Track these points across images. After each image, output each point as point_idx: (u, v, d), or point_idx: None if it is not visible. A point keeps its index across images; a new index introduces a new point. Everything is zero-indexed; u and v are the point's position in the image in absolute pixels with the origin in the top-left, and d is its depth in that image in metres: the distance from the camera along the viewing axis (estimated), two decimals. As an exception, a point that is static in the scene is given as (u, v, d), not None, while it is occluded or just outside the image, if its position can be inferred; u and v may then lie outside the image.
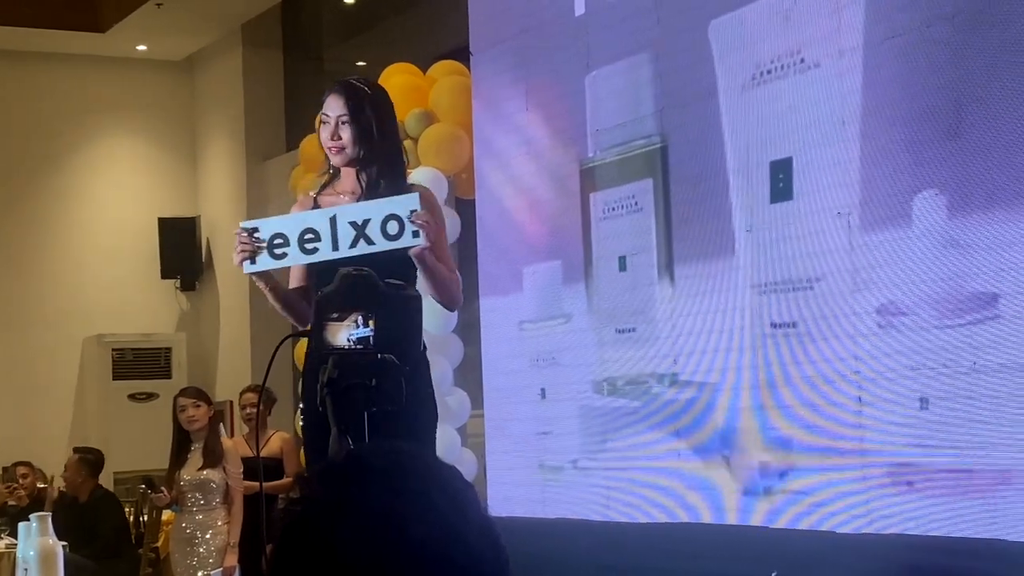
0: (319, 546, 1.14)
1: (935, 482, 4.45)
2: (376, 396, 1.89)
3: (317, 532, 1.15)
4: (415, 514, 1.14)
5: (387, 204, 3.78)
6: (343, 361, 1.84)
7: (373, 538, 1.13)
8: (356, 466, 1.19)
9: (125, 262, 11.35)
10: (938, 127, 4.46)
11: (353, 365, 1.84)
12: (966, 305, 4.35)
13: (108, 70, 11.48)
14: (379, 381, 1.88)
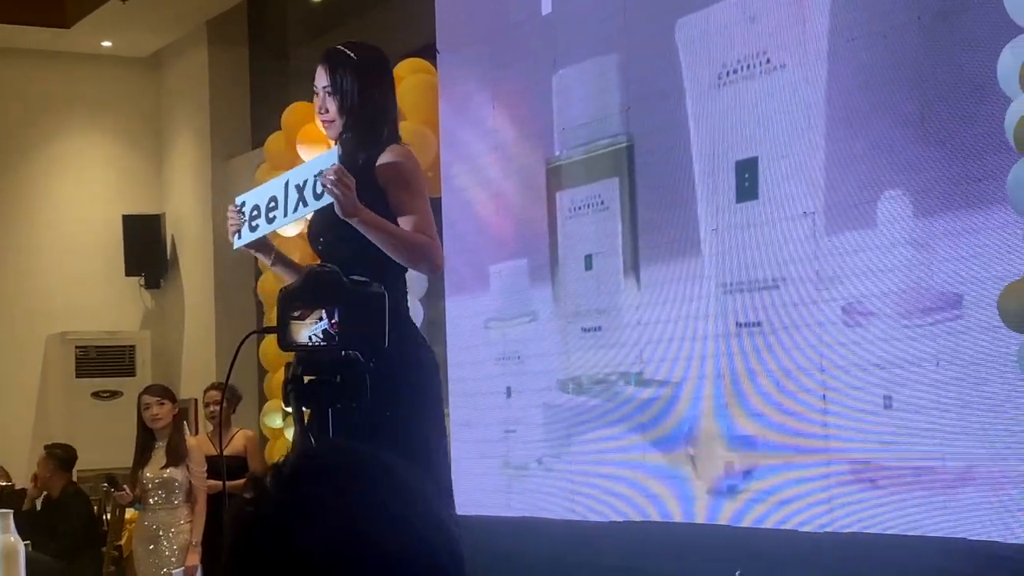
0: (273, 547, 1.14)
1: (898, 480, 4.48)
2: (340, 392, 1.88)
3: (271, 533, 1.14)
4: (369, 512, 1.14)
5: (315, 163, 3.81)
6: (307, 358, 1.83)
7: (327, 538, 1.13)
8: (309, 466, 1.19)
9: (89, 259, 11.29)
10: (903, 128, 4.48)
11: (317, 362, 1.84)
12: (930, 304, 4.38)
13: (73, 66, 11.41)
14: (344, 377, 1.88)
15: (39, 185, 11.41)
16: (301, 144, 7.92)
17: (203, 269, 10.81)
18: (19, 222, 11.30)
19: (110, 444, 8.47)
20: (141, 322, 11.49)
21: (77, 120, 11.52)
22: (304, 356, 1.84)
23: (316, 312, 1.82)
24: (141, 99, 11.67)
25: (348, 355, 1.86)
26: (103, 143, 11.65)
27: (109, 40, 11.25)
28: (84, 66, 11.45)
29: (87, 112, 11.52)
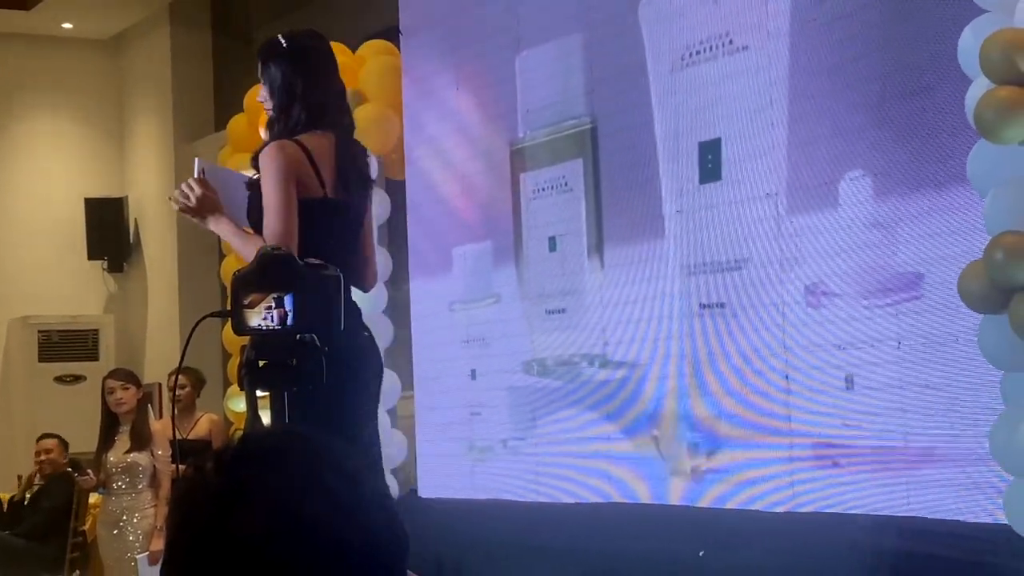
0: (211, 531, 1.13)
1: (860, 460, 4.50)
2: (296, 376, 1.87)
3: (211, 518, 1.14)
4: (308, 495, 1.14)
5: None
6: (261, 342, 1.82)
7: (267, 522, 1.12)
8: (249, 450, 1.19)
9: (51, 243, 11.20)
10: (864, 110, 4.49)
11: (271, 345, 1.82)
12: (891, 285, 4.40)
13: (33, 48, 11.30)
14: (299, 361, 1.86)
15: (0, 168, 11.32)
16: (264, 126, 7.88)
17: (166, 252, 10.75)
18: (-20, 206, 11.20)
19: (73, 429, 8.41)
20: (104, 306, 11.41)
21: (38, 102, 11.42)
22: (259, 340, 1.82)
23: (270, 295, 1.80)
24: (103, 81, 11.57)
25: (303, 339, 1.84)
26: (65, 126, 11.56)
27: (70, 22, 11.15)
28: (45, 48, 11.35)
29: (48, 94, 11.42)
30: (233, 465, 1.17)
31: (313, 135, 4.05)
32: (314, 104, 4.09)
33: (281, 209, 3.83)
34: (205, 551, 1.13)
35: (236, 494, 1.14)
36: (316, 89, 4.11)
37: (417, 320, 6.74)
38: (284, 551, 1.12)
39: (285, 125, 4.07)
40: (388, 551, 1.17)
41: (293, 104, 4.07)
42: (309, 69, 4.12)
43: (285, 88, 4.07)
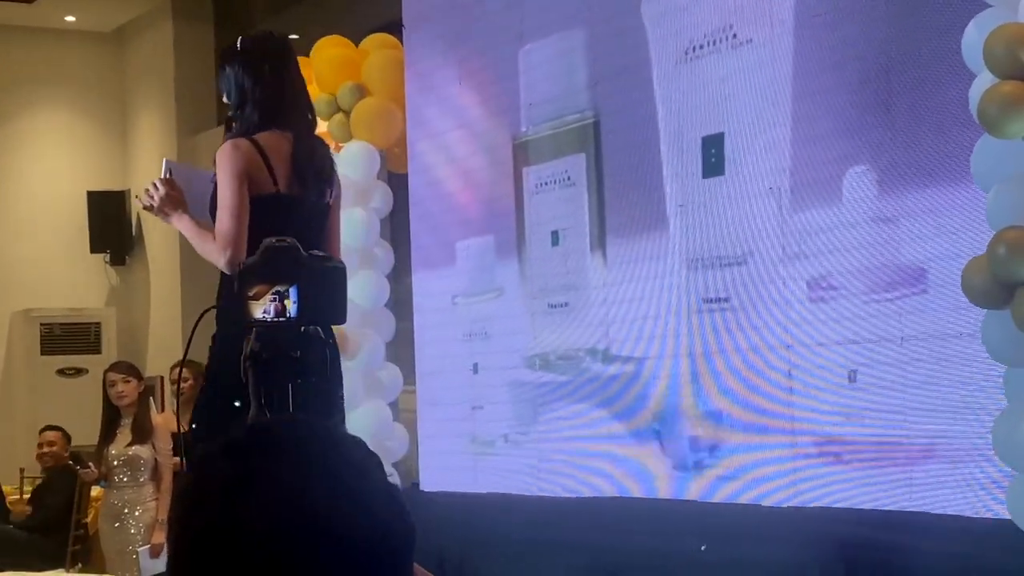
0: (222, 521, 1.13)
1: (862, 455, 4.50)
2: (301, 368, 1.87)
3: (221, 507, 1.14)
4: (319, 485, 1.14)
5: None
6: (266, 333, 1.81)
7: (278, 511, 1.12)
8: (259, 439, 1.19)
9: (53, 236, 11.20)
10: (868, 104, 4.49)
11: (276, 337, 1.82)
12: (894, 279, 4.40)
13: (36, 41, 11.29)
14: (303, 353, 1.86)
15: (2, 161, 11.32)
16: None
17: (169, 246, 10.74)
18: (-18, 198, 11.21)
19: (75, 422, 8.41)
20: (106, 299, 11.42)
21: (41, 96, 11.41)
22: (262, 332, 1.82)
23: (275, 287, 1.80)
24: (105, 74, 11.57)
25: (307, 331, 1.84)
26: (67, 119, 11.55)
27: (73, 15, 11.15)
28: (48, 41, 11.34)
29: (51, 87, 11.42)
30: (240, 454, 1.17)
31: (270, 133, 4.16)
32: (267, 104, 4.19)
33: (232, 206, 4.01)
34: (213, 541, 1.13)
35: (244, 483, 1.14)
36: (268, 89, 4.21)
37: (419, 314, 6.74)
38: (293, 540, 1.12)
39: (240, 125, 4.20)
40: (395, 541, 1.17)
41: (246, 104, 4.20)
42: (262, 70, 4.22)
43: (238, 89, 4.21)
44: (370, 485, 1.18)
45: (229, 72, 4.23)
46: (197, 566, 1.14)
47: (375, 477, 1.19)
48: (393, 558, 1.17)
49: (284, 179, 4.12)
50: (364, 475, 1.18)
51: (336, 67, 7.40)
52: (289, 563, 1.12)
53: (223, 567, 1.13)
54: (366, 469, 1.19)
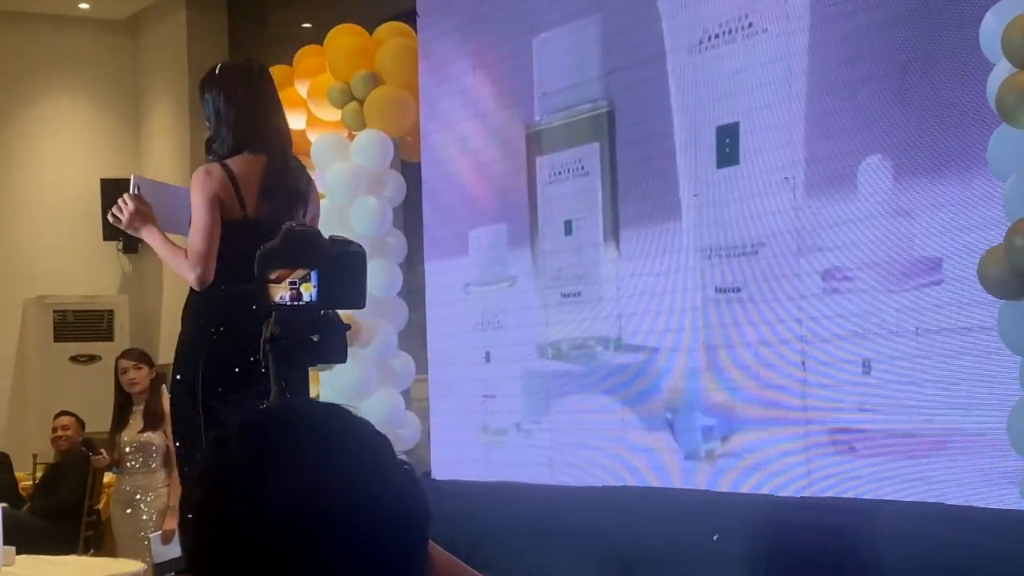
0: (245, 500, 1.13)
1: (876, 446, 4.49)
2: (320, 352, 1.87)
3: (241, 486, 1.14)
4: (335, 458, 1.15)
5: None
6: (285, 317, 1.82)
7: (298, 487, 1.13)
8: (272, 419, 1.20)
9: (67, 223, 11.21)
10: (884, 93, 4.47)
11: (296, 321, 1.82)
12: (910, 270, 4.39)
13: (50, 29, 11.30)
14: (323, 337, 1.86)
15: (16, 149, 11.33)
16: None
17: (181, 234, 10.74)
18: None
19: (88, 408, 8.43)
20: (119, 287, 11.44)
21: (54, 83, 11.42)
22: (282, 316, 1.82)
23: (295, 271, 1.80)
24: (119, 62, 11.57)
25: (326, 314, 1.84)
26: (80, 107, 11.56)
27: (87, 2, 11.15)
28: (61, 29, 11.35)
29: (64, 75, 11.43)
30: (258, 434, 1.18)
31: (243, 157, 4.40)
32: (242, 128, 4.43)
33: (203, 228, 4.31)
34: (237, 520, 1.14)
35: (265, 461, 1.15)
36: (243, 112, 4.45)
37: (432, 303, 6.75)
38: (317, 513, 1.13)
39: (219, 148, 4.44)
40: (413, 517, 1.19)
41: (222, 127, 4.45)
42: (238, 95, 4.45)
43: (216, 113, 4.45)
44: (385, 463, 1.19)
45: (208, 97, 4.48)
46: (220, 550, 1.14)
47: (389, 455, 1.21)
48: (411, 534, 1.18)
49: (252, 203, 4.36)
50: (379, 454, 1.20)
51: (350, 56, 7.40)
52: (311, 542, 1.12)
53: (246, 549, 1.13)
54: (380, 448, 1.21)
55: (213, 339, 4.32)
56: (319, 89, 7.52)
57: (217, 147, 4.45)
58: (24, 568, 3.95)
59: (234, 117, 4.44)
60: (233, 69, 4.58)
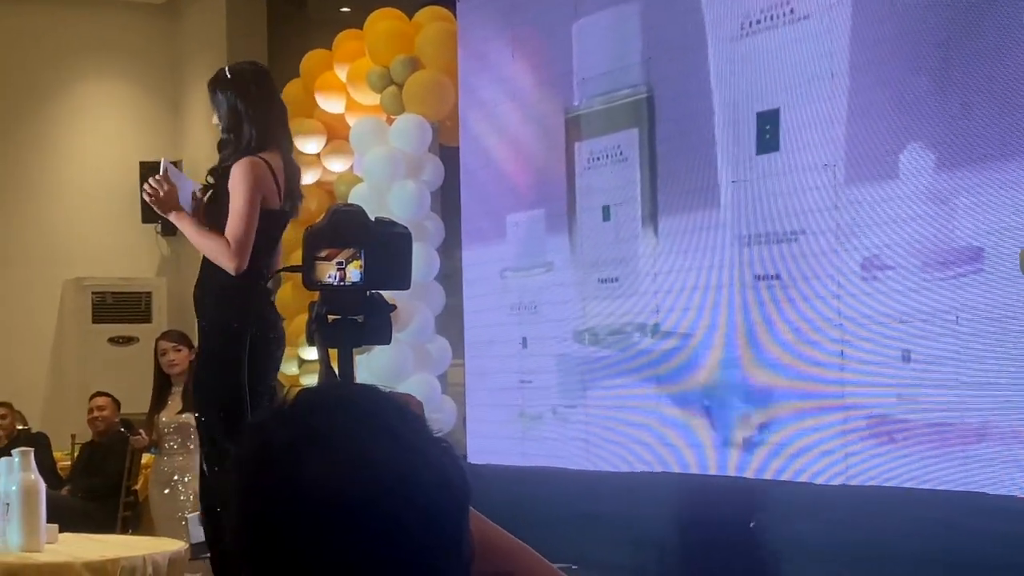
0: (288, 482, 1.14)
1: (915, 434, 4.47)
2: (364, 333, 1.88)
3: (283, 469, 1.14)
4: (375, 437, 1.16)
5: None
6: (331, 297, 1.83)
7: (339, 467, 1.13)
8: (310, 401, 1.20)
9: (105, 205, 11.28)
10: (926, 81, 4.44)
11: (341, 301, 1.83)
12: (950, 259, 4.36)
13: (90, 11, 11.36)
14: (367, 318, 1.87)
15: (56, 131, 11.40)
16: (319, 92, 7.90)
17: (219, 217, 10.78)
18: (36, 168, 11.30)
19: (125, 390, 8.48)
20: (157, 269, 11.49)
21: (94, 66, 11.48)
22: (328, 295, 1.83)
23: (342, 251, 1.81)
24: (159, 45, 11.62)
25: (372, 295, 1.85)
26: (120, 89, 11.62)
27: (126, -15, 11.20)
28: (102, 12, 11.41)
29: (105, 58, 11.48)
30: (298, 416, 1.18)
31: (269, 154, 4.62)
32: (262, 126, 4.65)
33: (247, 217, 4.51)
34: (280, 502, 1.14)
35: (305, 442, 1.15)
36: (260, 112, 4.67)
37: (469, 287, 6.75)
38: (360, 493, 1.13)
39: (238, 145, 4.63)
40: (455, 489, 1.19)
41: (242, 125, 4.65)
42: (253, 95, 4.67)
43: (232, 111, 4.65)
44: (426, 437, 1.20)
45: (221, 97, 4.68)
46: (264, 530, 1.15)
47: (429, 430, 1.21)
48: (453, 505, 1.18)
49: (281, 197, 4.64)
50: (419, 429, 1.20)
51: (389, 40, 7.41)
52: (358, 518, 1.13)
53: (292, 529, 1.13)
54: (420, 423, 1.21)
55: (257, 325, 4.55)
56: (358, 73, 7.54)
57: (236, 145, 4.65)
58: (67, 545, 3.99)
59: (254, 116, 4.65)
60: (247, 71, 4.81)
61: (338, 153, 8.02)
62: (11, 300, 11.00)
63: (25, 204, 11.22)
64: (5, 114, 11.19)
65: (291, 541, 1.13)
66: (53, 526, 4.00)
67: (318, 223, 1.83)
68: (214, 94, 4.74)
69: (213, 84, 4.79)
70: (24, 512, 3.76)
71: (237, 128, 4.67)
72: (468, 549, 1.21)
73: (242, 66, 4.94)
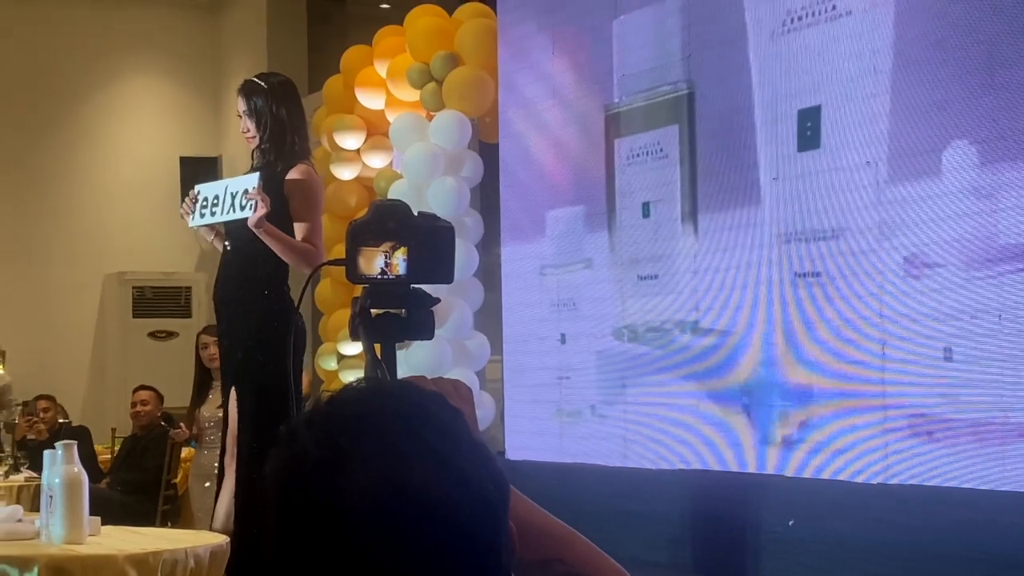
0: (318, 502, 1.12)
1: (956, 433, 4.45)
2: (407, 327, 1.88)
3: (313, 488, 1.13)
4: (407, 455, 1.13)
5: (244, 181, 4.87)
6: (375, 290, 1.83)
7: (371, 486, 1.11)
8: (341, 415, 1.17)
9: (147, 200, 11.36)
10: (970, 78, 4.41)
11: (384, 295, 1.83)
12: (994, 257, 4.33)
13: (132, 10, 11.44)
14: (409, 312, 1.88)
15: (98, 126, 11.49)
16: (359, 88, 7.93)
17: (259, 212, 10.83)
18: (79, 163, 11.39)
19: (166, 384, 8.54)
20: (197, 264, 11.57)
21: (136, 62, 11.56)
22: (372, 289, 1.83)
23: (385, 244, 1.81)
24: (200, 42, 11.69)
25: (415, 290, 1.85)
26: (162, 85, 11.70)
27: (169, -18, 11.27)
28: (145, 10, 11.49)
29: (146, 55, 11.56)
30: (327, 434, 1.15)
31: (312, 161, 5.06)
32: (301, 134, 5.00)
33: (320, 224, 4.96)
34: (311, 523, 1.13)
35: (334, 463, 1.13)
36: (297, 121, 5.00)
37: (508, 283, 6.76)
38: (390, 513, 1.10)
39: (280, 151, 4.92)
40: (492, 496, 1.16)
41: (285, 132, 4.93)
42: (290, 104, 4.99)
43: (275, 118, 4.92)
44: (460, 446, 1.17)
45: (260, 104, 4.93)
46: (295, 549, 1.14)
47: (464, 437, 1.18)
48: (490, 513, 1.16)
49: None
50: (455, 438, 1.17)
51: (430, 36, 7.42)
52: (389, 541, 1.11)
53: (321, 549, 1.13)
54: (454, 430, 1.18)
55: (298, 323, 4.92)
56: (398, 69, 7.56)
57: (279, 151, 4.91)
58: (109, 538, 4.02)
59: (298, 127, 4.99)
60: (285, 81, 5.09)
61: (378, 149, 8.04)
62: (53, 294, 11.09)
63: (67, 199, 11.31)
64: (49, 110, 11.29)
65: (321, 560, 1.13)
66: (96, 519, 4.03)
67: (362, 217, 1.84)
68: (251, 100, 4.96)
69: (249, 91, 4.99)
70: (67, 504, 3.79)
71: (280, 136, 4.91)
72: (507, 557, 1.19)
73: (278, 77, 5.16)
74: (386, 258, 1.82)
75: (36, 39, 11.19)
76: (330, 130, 8.08)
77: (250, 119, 5.00)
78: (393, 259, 1.81)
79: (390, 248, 1.81)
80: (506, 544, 1.18)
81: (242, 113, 5.04)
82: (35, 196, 11.17)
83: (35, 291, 11.01)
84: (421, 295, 1.88)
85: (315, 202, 5.00)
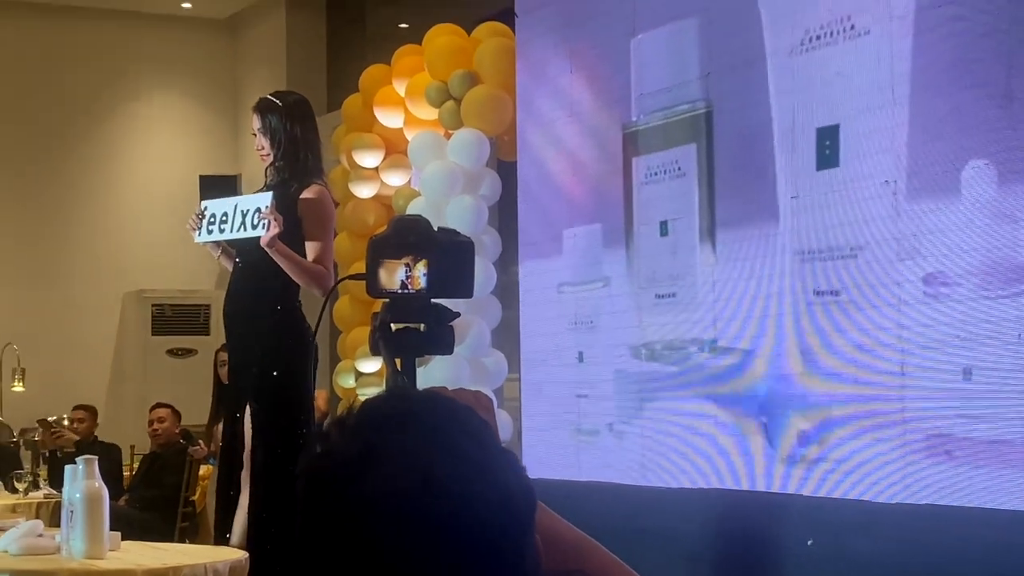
0: (347, 500, 1.13)
1: (974, 453, 4.43)
2: (427, 342, 1.89)
3: (343, 484, 1.14)
4: (437, 454, 1.13)
5: (256, 199, 4.87)
6: (395, 304, 1.84)
7: (401, 484, 1.12)
8: (373, 415, 1.18)
9: (166, 218, 11.39)
10: (989, 96, 4.41)
11: (404, 308, 1.84)
12: (1013, 276, 4.32)
13: (152, 27, 11.51)
14: (429, 326, 1.88)
15: (118, 144, 11.55)
16: (378, 107, 7.96)
17: (277, 231, 10.86)
18: (98, 182, 11.44)
19: (184, 401, 8.57)
20: (216, 281, 11.59)
21: (156, 81, 11.63)
22: (392, 304, 1.84)
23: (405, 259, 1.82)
24: (219, 61, 11.75)
25: (435, 304, 1.86)
26: (181, 104, 11.76)
27: (188, 2, 11.33)
28: (163, 27, 11.55)
29: (166, 73, 11.63)
30: (359, 431, 1.16)
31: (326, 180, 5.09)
32: (315, 153, 5.01)
33: (331, 247, 4.96)
34: (339, 517, 1.13)
35: (365, 459, 1.13)
36: (312, 140, 5.01)
37: (525, 301, 6.76)
38: (419, 510, 1.11)
39: (294, 169, 4.93)
40: (519, 505, 1.17)
41: (299, 151, 4.94)
42: (305, 123, 4.99)
43: (289, 137, 4.92)
44: (489, 452, 1.18)
45: (275, 122, 4.93)
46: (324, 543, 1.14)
47: (492, 444, 1.19)
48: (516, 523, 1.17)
49: None
50: (483, 444, 1.18)
51: (448, 55, 7.45)
52: (417, 538, 1.12)
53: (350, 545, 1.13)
54: (483, 437, 1.19)
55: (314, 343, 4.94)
56: (417, 88, 7.58)
57: (293, 169, 4.92)
58: (129, 553, 4.03)
59: (313, 146, 4.99)
60: (301, 100, 5.08)
61: (396, 167, 8.07)
62: (72, 312, 11.13)
63: (87, 217, 11.37)
64: (68, 128, 11.35)
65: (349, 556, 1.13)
66: (116, 534, 4.04)
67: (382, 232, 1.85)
68: (265, 118, 4.97)
69: (264, 109, 5.00)
70: (88, 519, 3.80)
71: (294, 154, 4.92)
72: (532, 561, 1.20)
73: (293, 95, 5.16)
74: (407, 271, 1.83)
75: (55, 57, 11.26)
76: (349, 148, 8.11)
77: (264, 137, 5.01)
78: (414, 272, 1.82)
79: (411, 260, 1.82)
80: (531, 550, 1.19)
81: (257, 131, 5.07)
82: (55, 214, 11.22)
83: (55, 309, 11.06)
84: (441, 309, 1.88)
85: (327, 222, 5.01)
